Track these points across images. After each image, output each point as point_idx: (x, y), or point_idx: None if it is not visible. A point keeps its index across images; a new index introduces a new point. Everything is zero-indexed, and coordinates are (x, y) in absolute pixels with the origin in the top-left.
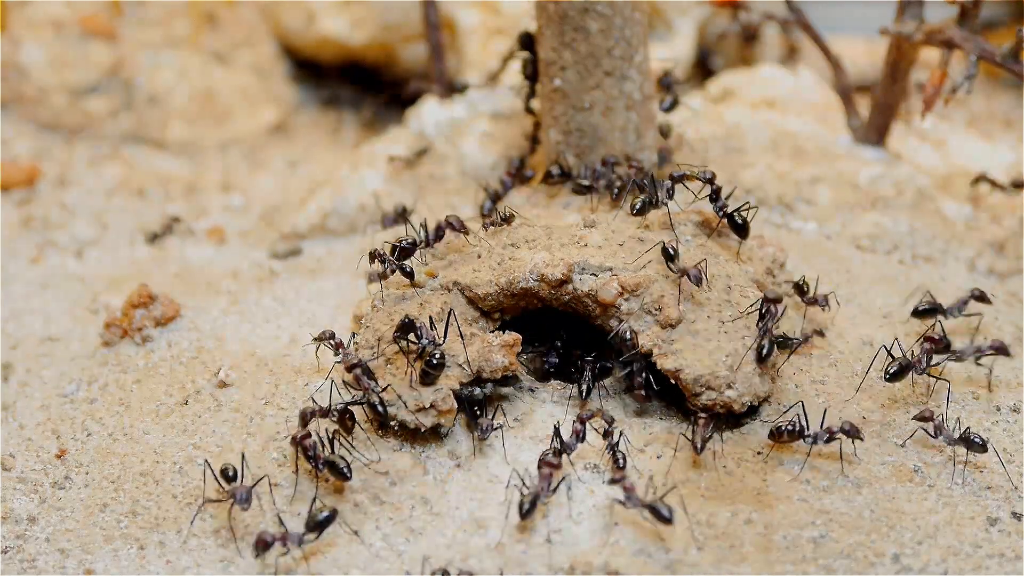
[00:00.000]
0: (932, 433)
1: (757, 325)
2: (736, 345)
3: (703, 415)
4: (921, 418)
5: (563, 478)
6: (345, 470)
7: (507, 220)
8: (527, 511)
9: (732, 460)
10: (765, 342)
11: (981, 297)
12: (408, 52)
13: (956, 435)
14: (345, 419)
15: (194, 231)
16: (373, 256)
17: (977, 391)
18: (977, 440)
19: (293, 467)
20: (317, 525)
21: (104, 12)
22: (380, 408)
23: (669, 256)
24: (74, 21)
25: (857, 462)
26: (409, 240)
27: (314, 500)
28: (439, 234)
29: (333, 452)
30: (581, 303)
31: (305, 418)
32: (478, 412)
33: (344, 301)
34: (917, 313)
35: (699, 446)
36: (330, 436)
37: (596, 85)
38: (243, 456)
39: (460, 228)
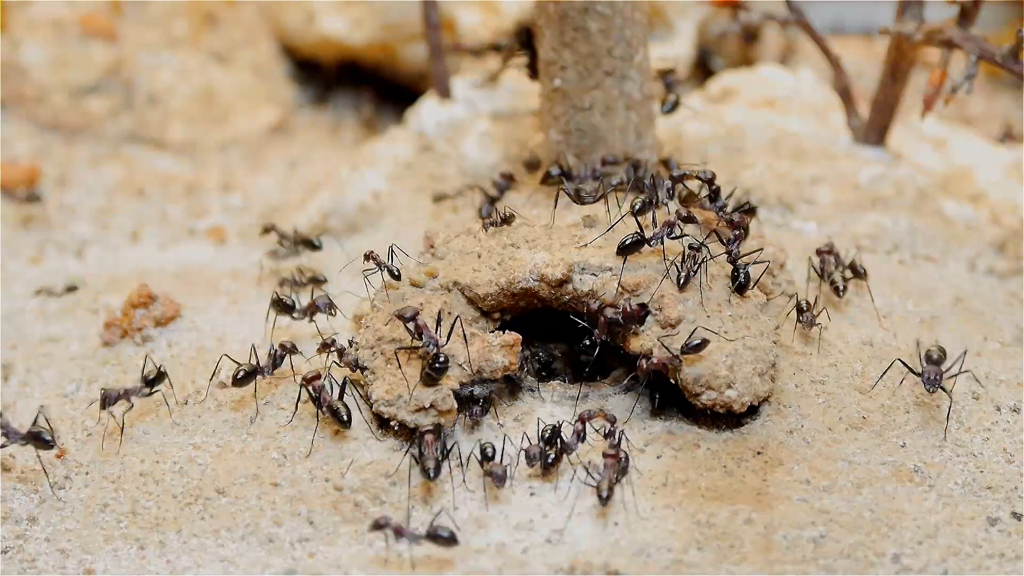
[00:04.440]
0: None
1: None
2: (736, 345)
3: (611, 453)
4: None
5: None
6: (346, 417)
7: (507, 220)
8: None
9: (732, 460)
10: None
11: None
12: (408, 52)
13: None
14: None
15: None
16: (368, 257)
17: (977, 391)
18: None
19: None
20: (436, 537)
21: (104, 12)
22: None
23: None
24: (74, 21)
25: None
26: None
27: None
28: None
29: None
30: (581, 303)
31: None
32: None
33: (344, 301)
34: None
35: (604, 494)
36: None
37: (596, 85)
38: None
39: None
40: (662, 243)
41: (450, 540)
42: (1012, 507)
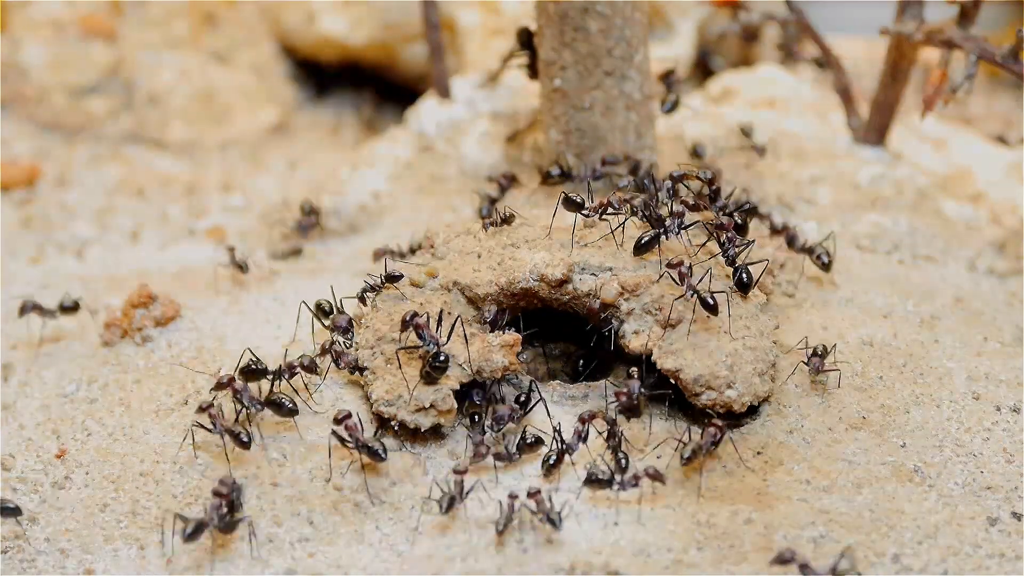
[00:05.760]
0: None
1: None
2: (736, 345)
3: (718, 423)
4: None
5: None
6: (245, 437)
7: (507, 220)
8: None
9: (732, 460)
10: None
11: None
12: (408, 52)
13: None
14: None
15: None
16: (362, 299)
17: (977, 391)
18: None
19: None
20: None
21: (104, 12)
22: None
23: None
24: (74, 21)
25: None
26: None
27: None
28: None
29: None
30: (581, 303)
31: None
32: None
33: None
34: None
35: (686, 455)
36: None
37: (596, 85)
38: None
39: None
40: (676, 235)
41: (380, 457)
42: (1012, 507)
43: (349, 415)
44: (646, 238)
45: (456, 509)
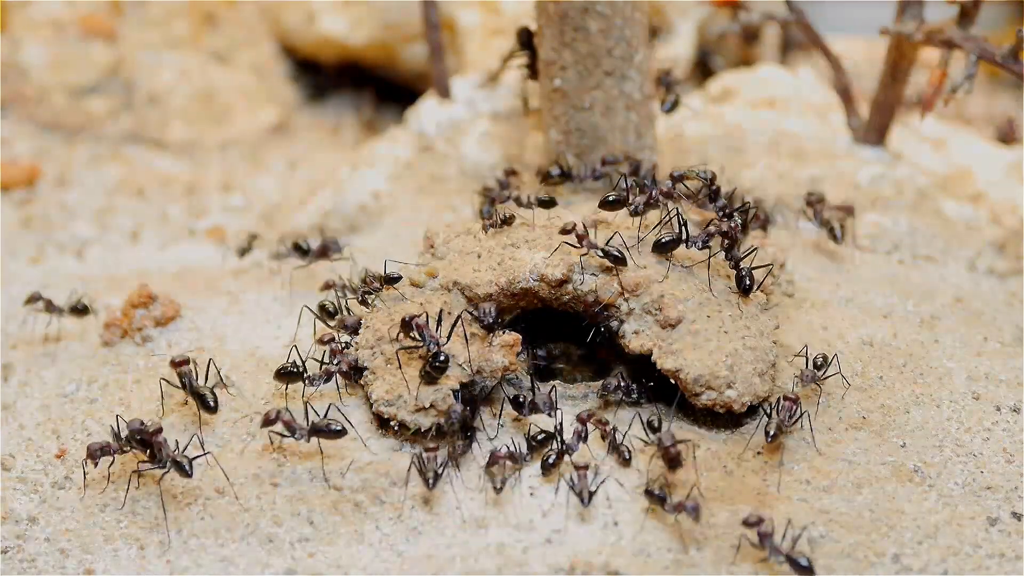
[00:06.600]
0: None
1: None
2: (736, 345)
3: (791, 397)
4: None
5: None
6: (212, 403)
7: (507, 221)
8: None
9: (732, 460)
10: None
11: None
12: (408, 52)
13: None
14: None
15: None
16: (364, 301)
17: (977, 391)
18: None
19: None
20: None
21: (104, 12)
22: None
23: None
24: (74, 21)
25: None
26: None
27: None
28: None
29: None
30: (581, 303)
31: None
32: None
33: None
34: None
35: (771, 431)
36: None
37: (596, 85)
38: None
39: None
40: (698, 247)
41: (339, 433)
42: (1012, 507)
43: (279, 412)
44: (666, 239)
45: (439, 482)
